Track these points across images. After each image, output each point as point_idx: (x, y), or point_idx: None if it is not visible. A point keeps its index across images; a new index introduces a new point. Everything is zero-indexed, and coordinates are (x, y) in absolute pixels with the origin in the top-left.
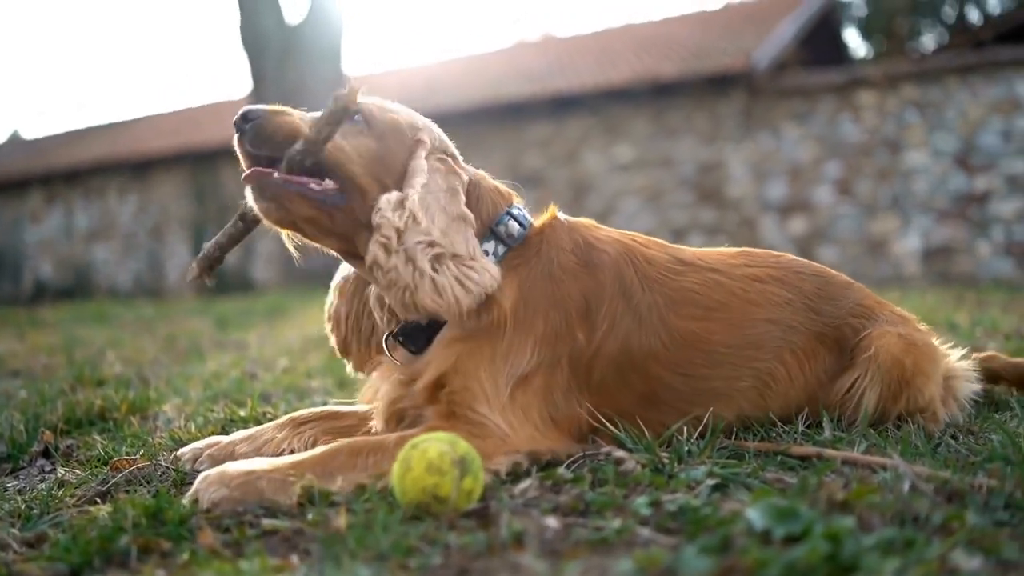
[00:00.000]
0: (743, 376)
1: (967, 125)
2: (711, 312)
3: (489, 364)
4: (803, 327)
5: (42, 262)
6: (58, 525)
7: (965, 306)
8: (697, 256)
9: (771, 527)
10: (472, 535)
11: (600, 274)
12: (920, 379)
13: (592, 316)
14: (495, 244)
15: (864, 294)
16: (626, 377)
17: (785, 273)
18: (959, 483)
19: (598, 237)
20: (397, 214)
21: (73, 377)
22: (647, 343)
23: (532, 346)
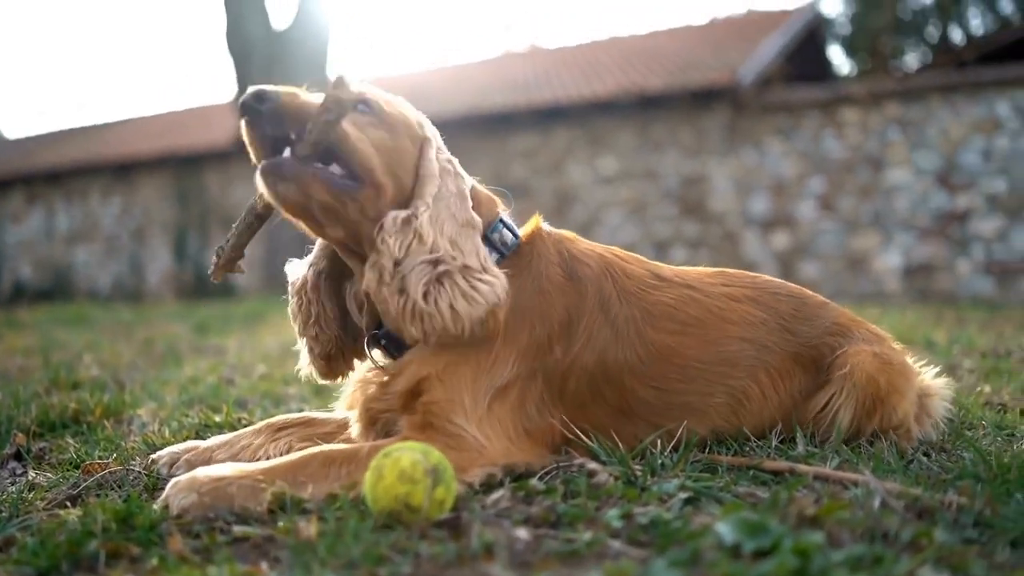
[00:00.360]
0: (716, 392)
1: (949, 144)
2: (686, 327)
3: (473, 376)
4: (778, 347)
5: (22, 263)
6: (27, 528)
7: (944, 324)
8: (675, 273)
9: (741, 541)
10: (443, 545)
11: (582, 287)
12: (894, 397)
13: (572, 330)
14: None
15: (839, 312)
16: (600, 390)
17: (761, 294)
18: (929, 500)
19: (581, 250)
20: (398, 241)
21: (48, 380)
22: (623, 356)
23: (514, 359)
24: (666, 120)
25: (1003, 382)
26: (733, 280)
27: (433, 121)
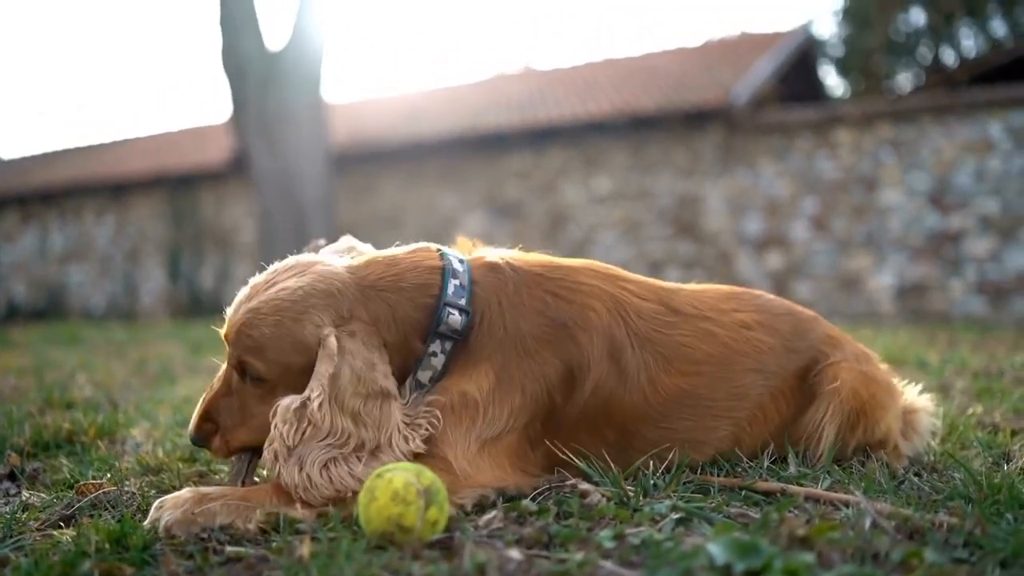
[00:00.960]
0: (721, 426)
1: (941, 165)
2: (700, 366)
3: (465, 427)
4: (783, 369)
5: (15, 283)
6: (20, 549)
7: (936, 344)
8: (690, 302)
9: (732, 561)
10: (435, 565)
11: (584, 337)
12: (878, 411)
13: (576, 383)
14: (440, 343)
15: (829, 326)
16: (600, 430)
17: (766, 316)
18: (920, 520)
19: (577, 287)
20: (292, 428)
21: (42, 399)
22: (629, 401)
23: (508, 415)
24: (660, 140)
25: (995, 402)
26: (743, 304)
27: (427, 141)
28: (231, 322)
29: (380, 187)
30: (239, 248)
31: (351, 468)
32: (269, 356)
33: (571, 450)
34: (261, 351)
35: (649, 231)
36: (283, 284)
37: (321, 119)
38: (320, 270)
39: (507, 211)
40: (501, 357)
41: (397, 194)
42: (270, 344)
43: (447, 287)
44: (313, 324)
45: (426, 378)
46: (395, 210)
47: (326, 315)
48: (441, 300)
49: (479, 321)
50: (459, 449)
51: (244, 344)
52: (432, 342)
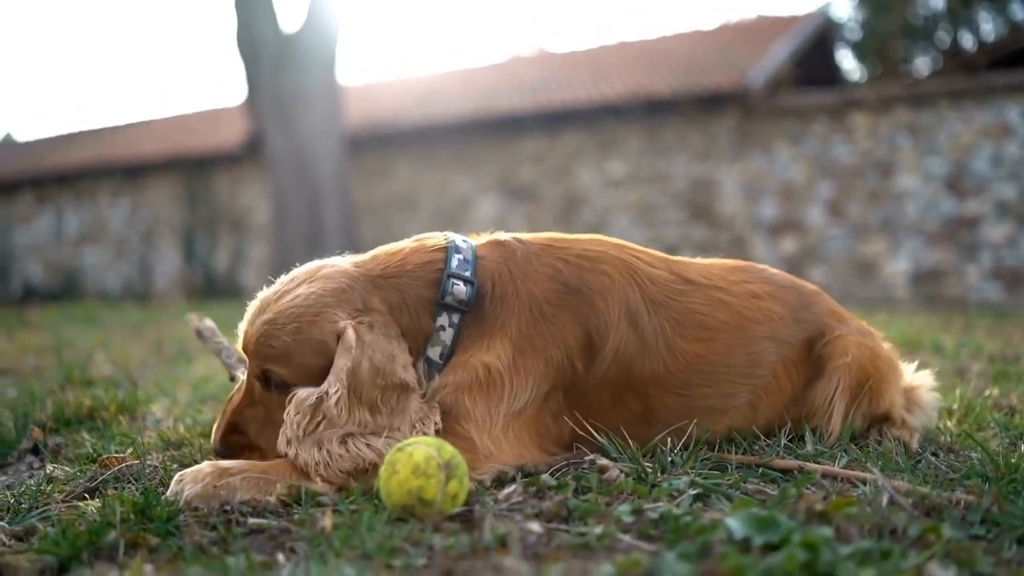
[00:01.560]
0: (740, 393)
1: (958, 149)
2: (716, 333)
3: (485, 405)
4: (793, 339)
5: (31, 264)
6: (47, 520)
7: (952, 329)
8: (700, 273)
9: (750, 535)
10: (456, 537)
11: (600, 301)
12: (882, 384)
13: (596, 348)
14: (448, 316)
15: (831, 301)
16: (623, 398)
17: (774, 287)
18: (937, 498)
19: (586, 254)
20: (306, 419)
21: (62, 377)
22: (650, 367)
23: (532, 385)
24: (675, 124)
25: (1012, 385)
26: (751, 276)
27: (441, 124)
28: (248, 335)
29: (394, 169)
30: (254, 230)
31: (370, 441)
32: (293, 361)
33: (596, 422)
34: (283, 359)
35: (664, 215)
36: (295, 292)
37: (335, 101)
38: (327, 272)
39: (521, 194)
40: (517, 323)
41: (411, 176)
42: (292, 350)
43: (451, 261)
44: (330, 323)
45: (436, 354)
46: (409, 192)
47: (341, 311)
48: (445, 273)
49: (490, 290)
50: (484, 428)
51: (265, 354)
52: (439, 315)
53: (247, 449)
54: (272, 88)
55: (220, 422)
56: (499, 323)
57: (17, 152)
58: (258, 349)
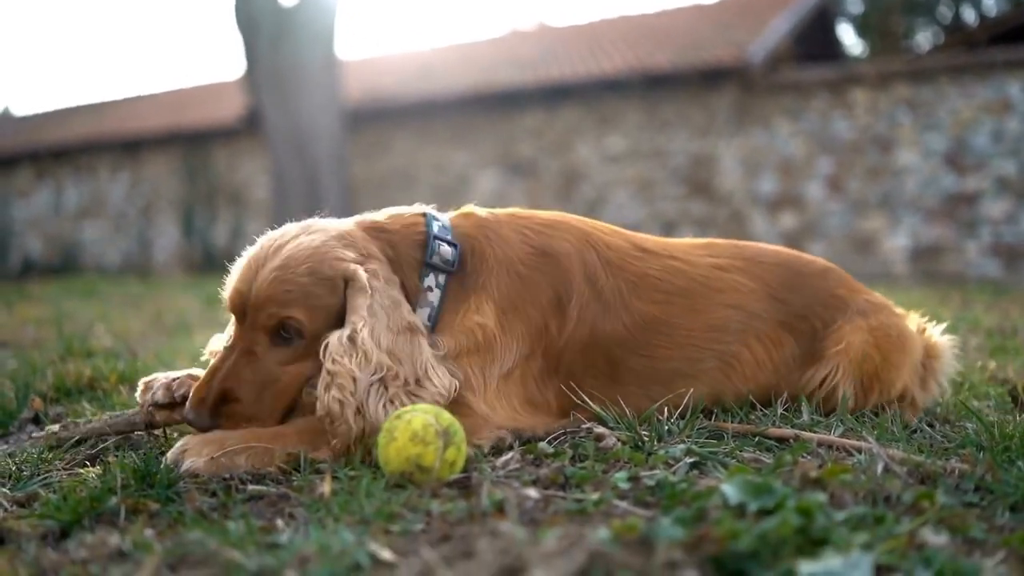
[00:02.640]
0: (706, 358)
1: (958, 125)
2: (672, 296)
3: (480, 367)
4: (767, 315)
5: (30, 239)
6: (49, 486)
7: (950, 304)
8: (658, 244)
9: (745, 501)
10: (454, 503)
11: (565, 262)
12: (891, 372)
13: (563, 307)
14: (435, 276)
15: (839, 282)
16: (592, 360)
17: (747, 263)
18: (932, 466)
19: (546, 222)
20: (352, 359)
21: (63, 348)
22: (611, 327)
23: (516, 346)
24: (674, 99)
25: (1008, 359)
26: (718, 251)
27: (440, 98)
28: (253, 288)
29: (393, 144)
30: (252, 205)
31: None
32: (311, 304)
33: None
34: (302, 301)
35: (663, 190)
36: (297, 241)
37: (334, 76)
38: (323, 224)
39: (520, 169)
40: (497, 284)
41: (410, 152)
42: (310, 291)
43: (431, 226)
44: (341, 262)
45: (424, 315)
46: (408, 168)
47: (349, 252)
48: (430, 235)
49: (470, 252)
50: (479, 391)
51: (283, 300)
52: (426, 276)
53: (238, 419)
54: (271, 62)
55: (203, 393)
56: (480, 283)
57: (16, 127)
58: (272, 297)
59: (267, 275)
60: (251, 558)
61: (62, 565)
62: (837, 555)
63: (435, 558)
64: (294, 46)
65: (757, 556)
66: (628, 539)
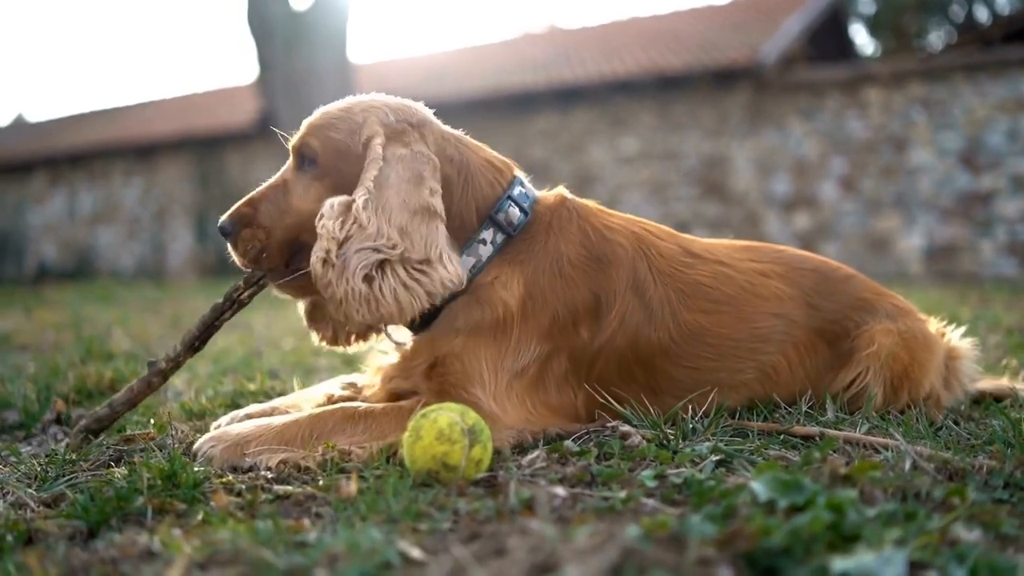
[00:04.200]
0: (747, 368)
1: (973, 124)
2: (720, 305)
3: (492, 356)
4: (803, 322)
5: (45, 244)
6: (75, 486)
7: (968, 303)
8: (705, 248)
9: (775, 498)
10: (481, 501)
11: (613, 270)
12: (918, 372)
13: (601, 314)
14: (494, 232)
15: (864, 287)
16: (630, 370)
17: (787, 269)
18: (960, 463)
19: (609, 226)
20: (338, 222)
21: (83, 351)
22: (656, 338)
23: (535, 342)
24: (687, 100)
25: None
26: (759, 255)
27: (452, 102)
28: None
29: None
30: None
31: (395, 286)
32: (327, 135)
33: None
34: (322, 130)
35: (676, 191)
36: (363, 97)
37: (347, 79)
38: (411, 103)
39: (533, 172)
40: (535, 269)
41: None
42: (331, 124)
43: (514, 187)
44: (376, 120)
45: (468, 264)
46: None
47: (392, 116)
48: (507, 192)
49: (526, 229)
50: (488, 387)
51: (311, 126)
52: (485, 228)
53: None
54: (283, 67)
55: (239, 205)
56: (520, 259)
57: (30, 133)
58: (308, 124)
59: (317, 113)
60: (281, 557)
61: (92, 564)
62: (870, 551)
63: (466, 556)
64: (307, 50)
65: (790, 552)
66: (660, 536)
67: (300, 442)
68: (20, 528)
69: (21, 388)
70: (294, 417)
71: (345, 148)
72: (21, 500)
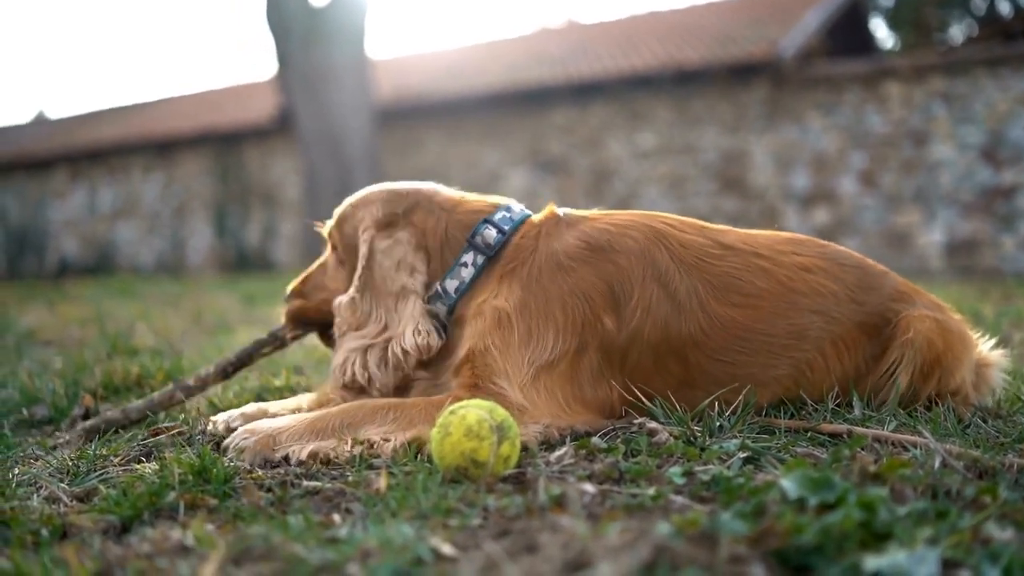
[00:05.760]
0: (781, 365)
1: (994, 118)
2: (754, 299)
3: (515, 350)
4: (845, 318)
5: (66, 240)
6: (106, 481)
7: (990, 299)
8: (741, 240)
9: (805, 496)
10: (510, 498)
11: (622, 259)
12: (952, 361)
13: (620, 302)
14: (473, 254)
15: (900, 281)
16: (663, 362)
17: (831, 263)
18: (990, 461)
19: (612, 222)
20: (337, 323)
21: (108, 347)
22: (687, 330)
23: (554, 335)
24: (705, 95)
25: None
26: (804, 248)
27: (469, 97)
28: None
29: (424, 142)
30: (285, 204)
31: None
32: (342, 230)
33: (641, 389)
34: (338, 223)
35: (694, 186)
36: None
37: (365, 75)
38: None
39: (551, 166)
40: (529, 271)
41: (441, 150)
42: (345, 220)
43: (496, 214)
44: (369, 217)
45: (452, 287)
46: (439, 166)
47: (381, 211)
48: (483, 219)
49: (512, 241)
50: (513, 378)
51: (336, 218)
52: (465, 252)
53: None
54: (302, 63)
55: (298, 280)
56: (510, 268)
57: (50, 129)
58: (335, 215)
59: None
60: (313, 552)
61: (127, 559)
62: (902, 549)
63: (498, 552)
64: (325, 46)
65: (821, 550)
66: (691, 534)
67: (331, 432)
68: (55, 523)
69: (49, 383)
70: (325, 410)
71: (351, 241)
72: (54, 495)
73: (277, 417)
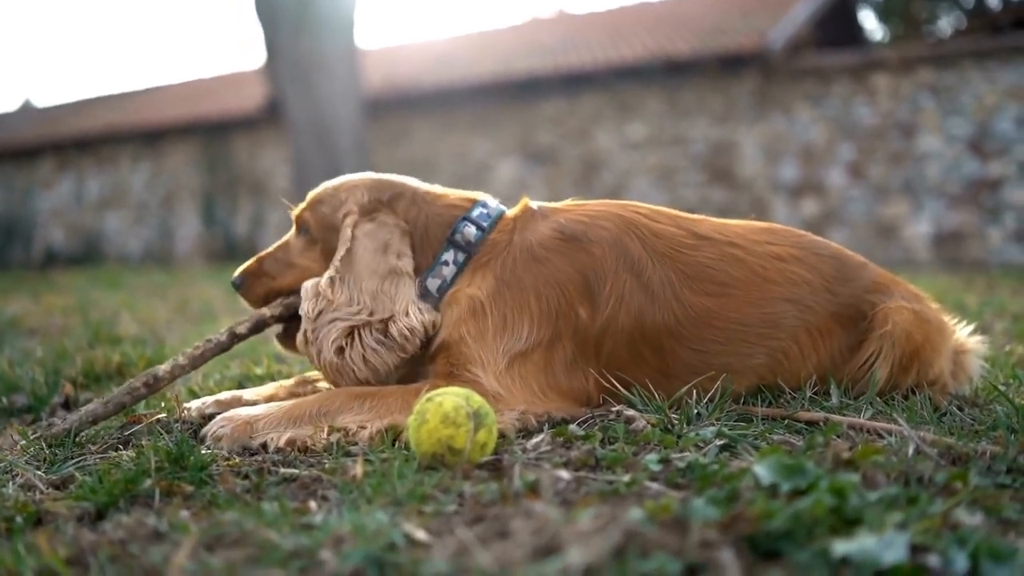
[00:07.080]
0: (756, 354)
1: (982, 110)
2: (728, 288)
3: (490, 339)
4: (820, 307)
5: (53, 229)
6: (83, 469)
7: (974, 289)
8: (715, 229)
9: (778, 482)
10: (486, 485)
11: (596, 249)
12: (931, 353)
13: (594, 292)
14: (454, 252)
15: (878, 272)
16: (638, 351)
17: (806, 253)
18: (963, 448)
19: (585, 213)
20: (311, 303)
21: (90, 335)
22: (661, 319)
23: (528, 324)
24: (694, 86)
25: None
26: (779, 238)
27: (459, 87)
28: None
29: (413, 133)
30: (273, 194)
31: (363, 348)
32: (319, 210)
33: (616, 378)
34: (314, 206)
35: (683, 177)
36: (349, 176)
37: (354, 65)
38: (391, 179)
39: (540, 157)
40: (503, 262)
41: (430, 140)
42: (323, 201)
43: (473, 210)
44: (353, 200)
45: (434, 287)
46: (428, 156)
47: (366, 196)
48: (465, 215)
49: (489, 236)
50: (489, 368)
51: (309, 200)
52: (446, 251)
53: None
54: (291, 52)
55: (249, 262)
56: (485, 259)
57: (37, 118)
58: (308, 198)
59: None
60: (286, 538)
61: (100, 545)
62: (871, 534)
63: (470, 538)
64: (314, 36)
65: (791, 536)
66: (662, 519)
67: (308, 419)
68: (29, 510)
69: (30, 372)
70: (302, 398)
71: (330, 223)
72: (30, 482)
73: (254, 405)
